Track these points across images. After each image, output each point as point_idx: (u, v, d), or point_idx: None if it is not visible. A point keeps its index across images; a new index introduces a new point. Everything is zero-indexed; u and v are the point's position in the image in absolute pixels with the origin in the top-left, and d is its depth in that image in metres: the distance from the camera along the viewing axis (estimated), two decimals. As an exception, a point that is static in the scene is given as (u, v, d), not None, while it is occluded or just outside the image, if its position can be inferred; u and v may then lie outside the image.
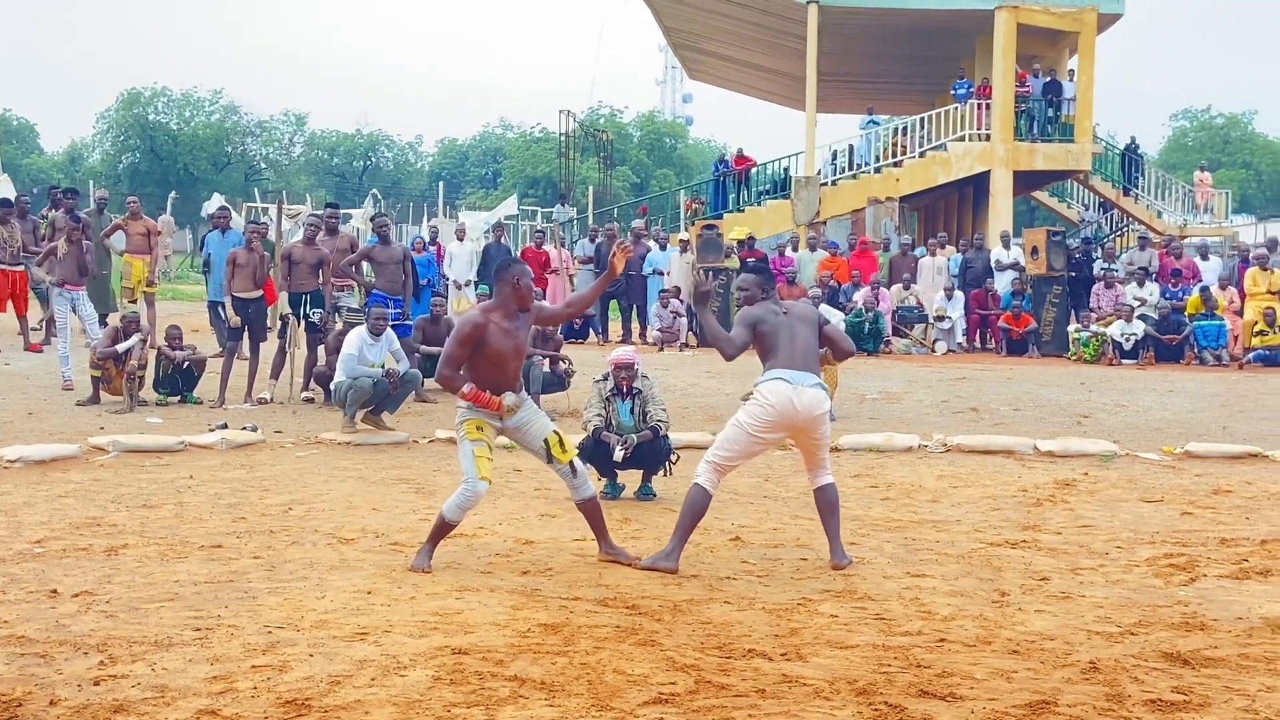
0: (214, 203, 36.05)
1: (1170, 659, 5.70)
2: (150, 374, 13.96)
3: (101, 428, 12.00)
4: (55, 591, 6.56)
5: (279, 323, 14.63)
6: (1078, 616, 6.44)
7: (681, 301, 21.30)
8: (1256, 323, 20.21)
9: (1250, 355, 20.04)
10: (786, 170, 30.97)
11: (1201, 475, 10.85)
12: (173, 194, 45.52)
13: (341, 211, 20.53)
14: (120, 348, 13.44)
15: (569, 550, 7.79)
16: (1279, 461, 11.59)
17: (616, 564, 7.40)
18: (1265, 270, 20.80)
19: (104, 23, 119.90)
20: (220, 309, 14.83)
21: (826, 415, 7.37)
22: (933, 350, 21.61)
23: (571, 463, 7.34)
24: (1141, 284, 21.81)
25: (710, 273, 20.30)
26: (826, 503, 7.52)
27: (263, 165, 71.09)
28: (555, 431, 7.38)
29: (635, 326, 22.83)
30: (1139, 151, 34.12)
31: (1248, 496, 9.91)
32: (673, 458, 9.54)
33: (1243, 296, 20.97)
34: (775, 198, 30.01)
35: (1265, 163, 66.96)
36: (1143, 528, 8.71)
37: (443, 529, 7.26)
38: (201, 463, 10.69)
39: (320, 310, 14.21)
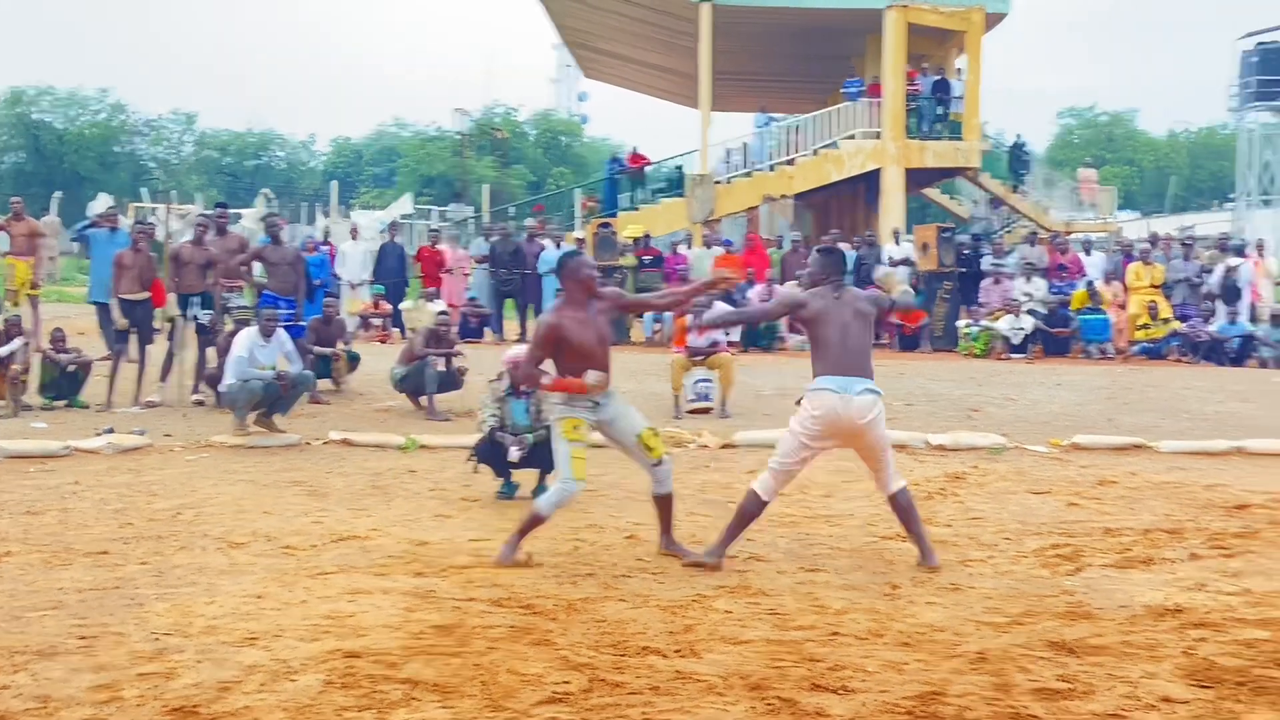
0: (101, 203, 35.36)
1: (1056, 648, 5.80)
2: (35, 378, 13.67)
3: (-16, 433, 11.73)
4: (-66, 602, 6.40)
5: (167, 325, 14.37)
6: (967, 608, 6.53)
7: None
8: (1140, 316, 20.69)
9: (1134, 348, 20.49)
10: (681, 168, 31.06)
11: (1087, 467, 11.05)
12: (58, 194, 44.42)
13: (232, 211, 20.28)
14: (2, 351, 13.15)
15: (464, 551, 7.73)
16: (1162, 452, 11.85)
17: (673, 556, 7.54)
18: (1148, 265, 21.30)
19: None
20: (108, 312, 14.54)
21: (878, 420, 7.18)
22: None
23: (660, 465, 7.47)
24: (1029, 279, 22.17)
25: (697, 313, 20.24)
26: (901, 509, 7.42)
27: (151, 165, 69.84)
28: (650, 428, 7.57)
29: (531, 325, 22.74)
30: (1026, 149, 34.64)
31: (1131, 487, 10.11)
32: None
33: (1126, 291, 21.42)
34: (670, 196, 30.06)
35: (1148, 160, 68.38)
36: (1030, 519, 8.85)
37: (533, 523, 7.36)
38: (87, 468, 10.49)
39: (209, 311, 14.02)
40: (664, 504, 7.60)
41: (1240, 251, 22.13)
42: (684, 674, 5.42)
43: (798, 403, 7.28)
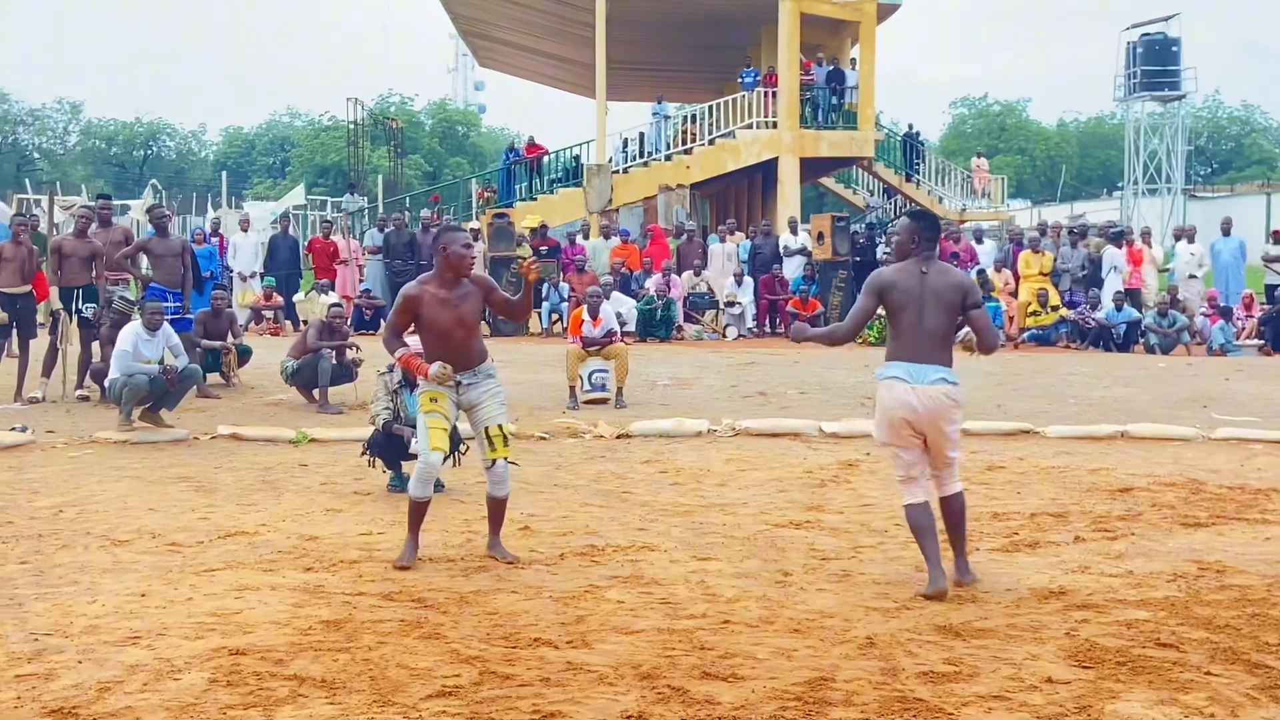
0: (-18, 194, 34.63)
1: (943, 631, 5.88)
2: (-88, 374, 13.36)
3: None
4: None
5: (50, 318, 14.12)
6: (857, 594, 6.60)
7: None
8: (1030, 303, 21.04)
9: (1024, 335, 20.84)
10: (578, 158, 31.06)
11: (977, 452, 11.20)
12: (-63, 186, 43.70)
13: (118, 203, 19.95)
14: (-122, 347, 12.83)
15: (355, 545, 7.67)
16: (1049, 438, 12.06)
17: (494, 559, 7.26)
18: (1038, 253, 21.67)
19: None
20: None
21: (954, 413, 6.55)
22: (723, 336, 21.92)
23: (496, 461, 7.21)
24: (922, 268, 22.42)
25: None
26: (951, 513, 6.77)
27: (36, 155, 68.50)
28: (500, 425, 7.24)
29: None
30: (920, 138, 35.14)
31: (1019, 472, 10.27)
32: (461, 448, 9.46)
33: (1017, 279, 21.77)
34: (567, 185, 30.08)
35: (1039, 149, 69.54)
36: (921, 505, 8.96)
37: (414, 512, 7.12)
38: (-32, 466, 10.27)
39: (94, 305, 13.79)
40: (495, 506, 7.35)
41: (1119, 240, 22.56)
42: (575, 665, 5.42)
43: (866, 399, 6.75)
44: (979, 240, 24.55)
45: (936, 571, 6.45)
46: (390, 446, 9.46)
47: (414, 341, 7.38)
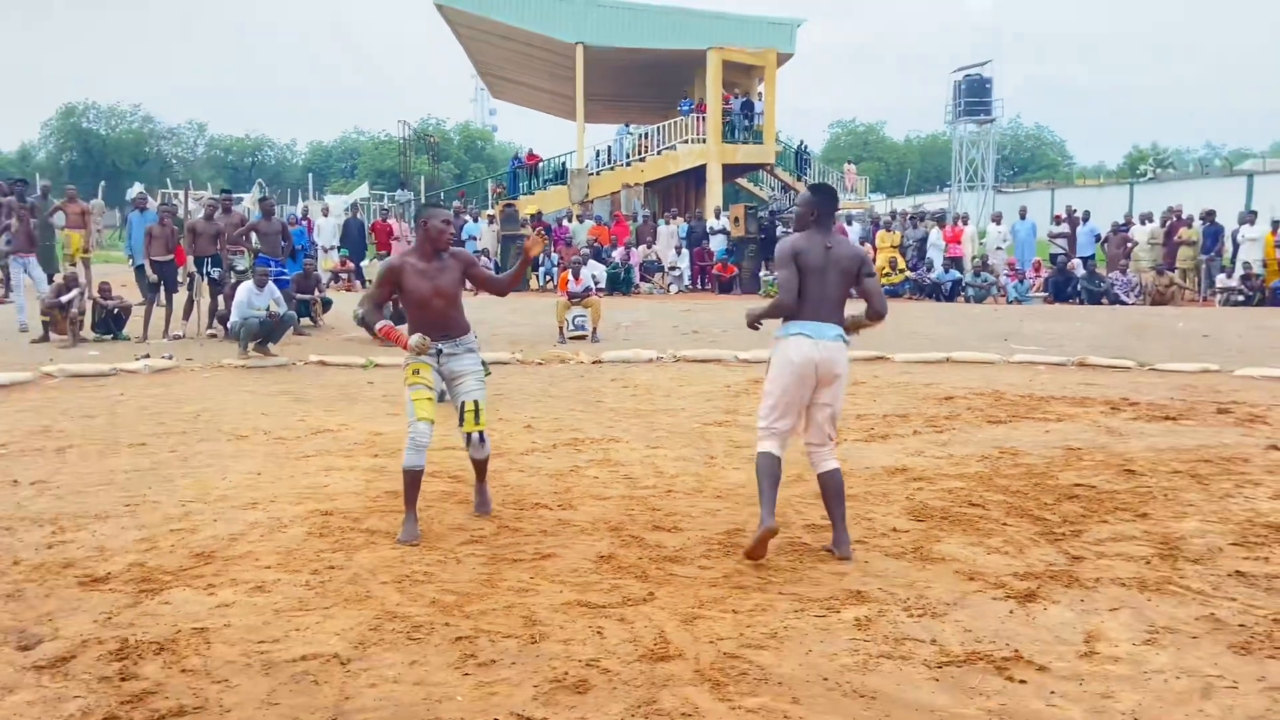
0: (135, 190, 34.00)
1: (818, 497, 5.93)
2: (88, 319, 13.19)
3: (51, 359, 11.29)
4: (16, 481, 6.21)
5: (188, 278, 14.00)
6: (761, 471, 6.66)
7: (491, 260, 21.06)
8: (884, 268, 21.04)
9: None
10: (564, 164, 30.75)
11: (846, 372, 11.27)
12: (102, 184, 42.69)
13: (233, 195, 19.64)
14: (64, 299, 12.67)
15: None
16: (897, 362, 12.14)
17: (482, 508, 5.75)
18: (889, 232, 21.66)
19: (42, 39, 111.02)
20: (142, 270, 14.06)
21: (845, 365, 5.07)
22: (668, 291, 21.86)
23: (471, 435, 5.54)
24: (809, 242, 22.40)
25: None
26: (830, 489, 5.06)
27: (173, 161, 67.23)
28: (476, 401, 5.53)
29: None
30: (807, 150, 34.92)
31: (875, 386, 10.34)
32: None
33: (875, 250, 21.77)
34: (557, 184, 29.78)
35: (891, 157, 69.23)
36: (806, 409, 9.01)
37: (409, 482, 5.30)
38: (130, 384, 10.18)
39: (219, 269, 13.65)
40: (480, 464, 5.67)
41: (939, 221, 22.60)
42: (564, 521, 5.49)
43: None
44: (849, 223, 24.51)
45: (767, 513, 4.85)
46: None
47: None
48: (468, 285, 5.63)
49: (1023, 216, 22.94)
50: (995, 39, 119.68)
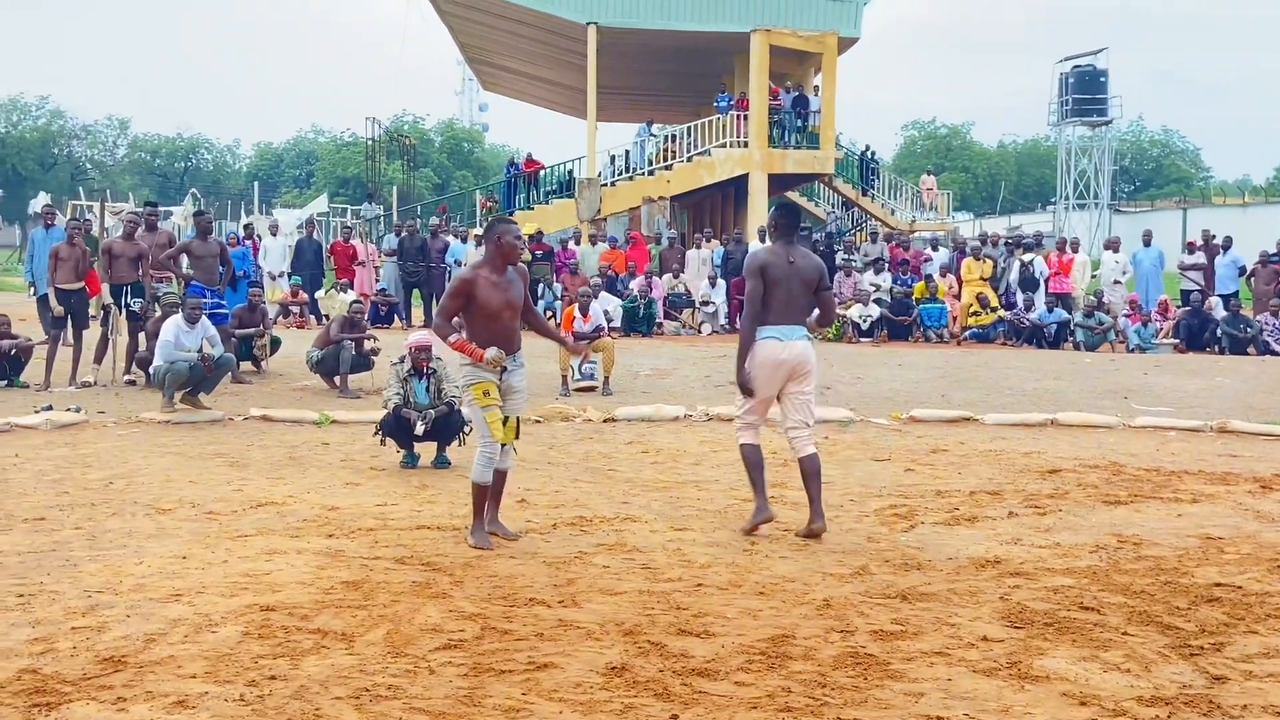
0: (40, 201, 34.47)
1: (891, 595, 5.92)
2: (-24, 360, 13.32)
3: (-72, 411, 11.39)
4: (-120, 566, 6.23)
5: (101, 311, 14.12)
6: (815, 561, 6.64)
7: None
8: (972, 305, 21.08)
9: (966, 333, 20.88)
10: (571, 172, 31.00)
11: (922, 437, 11.26)
12: (-1, 192, 43.52)
13: (162, 209, 19.86)
14: (-53, 336, 12.80)
15: (371, 515, 7.69)
16: (987, 424, 12.10)
17: (497, 538, 6.97)
18: (979, 260, 21.71)
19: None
20: (46, 300, 14.23)
21: (812, 363, 7.23)
22: (699, 331, 21.92)
23: (506, 444, 7.00)
24: (877, 273, 22.49)
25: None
26: (808, 471, 7.22)
27: (88, 166, 68.25)
28: (519, 419, 7.11)
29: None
30: (874, 157, 35.14)
31: (960, 454, 10.31)
32: (465, 429, 9.47)
33: (960, 283, 21.82)
34: (561, 197, 30.02)
35: (980, 167, 69.62)
36: (872, 483, 9.00)
37: (478, 495, 6.90)
38: (27, 442, 10.24)
39: (140, 300, 13.79)
40: (498, 478, 7.07)
41: (1032, 248, 22.65)
42: (566, 622, 5.45)
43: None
44: (935, 248, 24.56)
45: (763, 502, 7.26)
46: (400, 428, 9.48)
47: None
48: None
49: (1146, 243, 22.94)
50: (1112, 21, 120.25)
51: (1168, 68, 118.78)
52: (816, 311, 7.41)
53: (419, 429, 9.39)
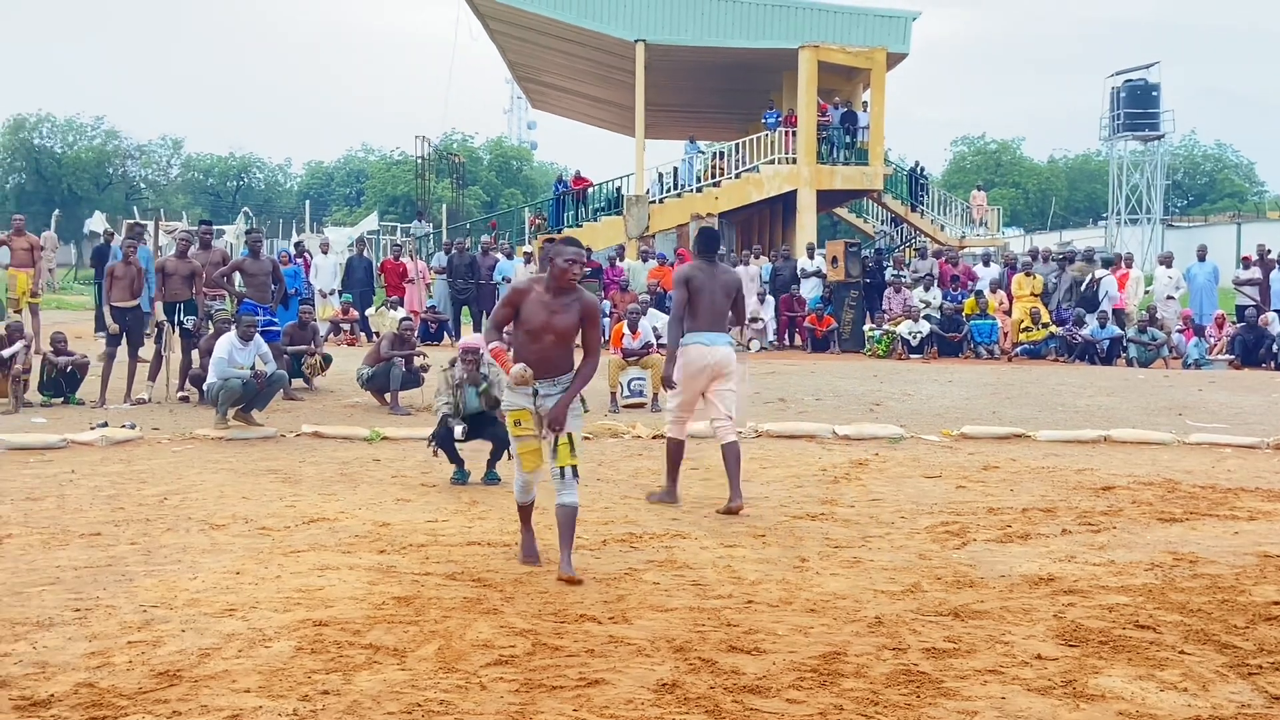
0: (96, 220, 34.95)
1: (943, 613, 5.88)
2: (35, 377, 13.51)
3: (-13, 428, 11.56)
4: (-59, 580, 6.32)
5: (156, 329, 14.28)
6: (866, 578, 6.60)
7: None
8: (1023, 321, 20.93)
9: (1017, 349, 20.73)
10: (619, 190, 31.10)
11: (974, 454, 11.17)
12: (56, 212, 44.03)
13: (215, 228, 20.09)
14: (5, 353, 12.99)
15: (422, 531, 7.73)
16: (1039, 441, 11.99)
17: (565, 581, 6.43)
18: (1030, 276, 21.56)
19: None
20: (102, 318, 14.45)
21: (736, 370, 8.47)
22: (748, 348, 21.88)
23: (564, 469, 6.59)
24: (927, 289, 22.39)
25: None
26: (729, 456, 8.39)
27: (142, 185, 69.16)
28: (570, 435, 6.60)
29: (485, 330, 22.67)
30: (924, 173, 35.02)
31: (1012, 471, 10.23)
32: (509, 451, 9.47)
33: (1011, 299, 21.67)
34: (609, 214, 30.12)
35: (1031, 183, 69.11)
36: (924, 500, 8.94)
37: (520, 513, 7.07)
38: (83, 458, 10.37)
39: (194, 317, 13.93)
40: (563, 516, 6.64)
41: (1105, 264, 22.46)
42: (616, 638, 5.45)
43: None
44: (986, 264, 24.43)
45: (673, 487, 8.68)
46: (450, 438, 9.50)
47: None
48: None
49: (1201, 258, 22.71)
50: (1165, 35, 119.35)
51: (1220, 82, 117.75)
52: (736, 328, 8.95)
53: (458, 432, 9.43)
